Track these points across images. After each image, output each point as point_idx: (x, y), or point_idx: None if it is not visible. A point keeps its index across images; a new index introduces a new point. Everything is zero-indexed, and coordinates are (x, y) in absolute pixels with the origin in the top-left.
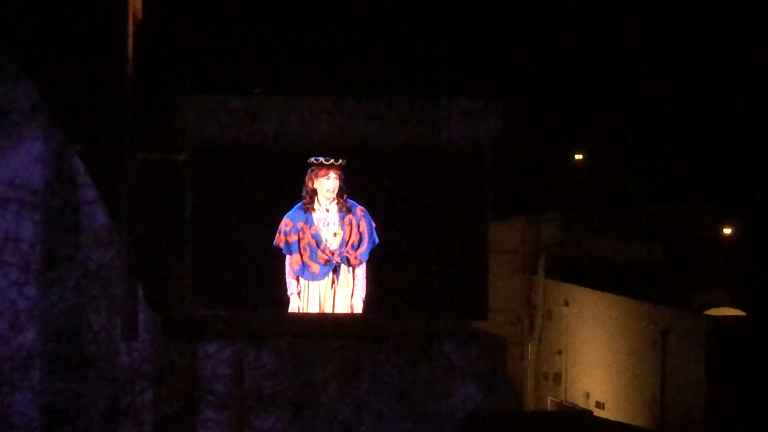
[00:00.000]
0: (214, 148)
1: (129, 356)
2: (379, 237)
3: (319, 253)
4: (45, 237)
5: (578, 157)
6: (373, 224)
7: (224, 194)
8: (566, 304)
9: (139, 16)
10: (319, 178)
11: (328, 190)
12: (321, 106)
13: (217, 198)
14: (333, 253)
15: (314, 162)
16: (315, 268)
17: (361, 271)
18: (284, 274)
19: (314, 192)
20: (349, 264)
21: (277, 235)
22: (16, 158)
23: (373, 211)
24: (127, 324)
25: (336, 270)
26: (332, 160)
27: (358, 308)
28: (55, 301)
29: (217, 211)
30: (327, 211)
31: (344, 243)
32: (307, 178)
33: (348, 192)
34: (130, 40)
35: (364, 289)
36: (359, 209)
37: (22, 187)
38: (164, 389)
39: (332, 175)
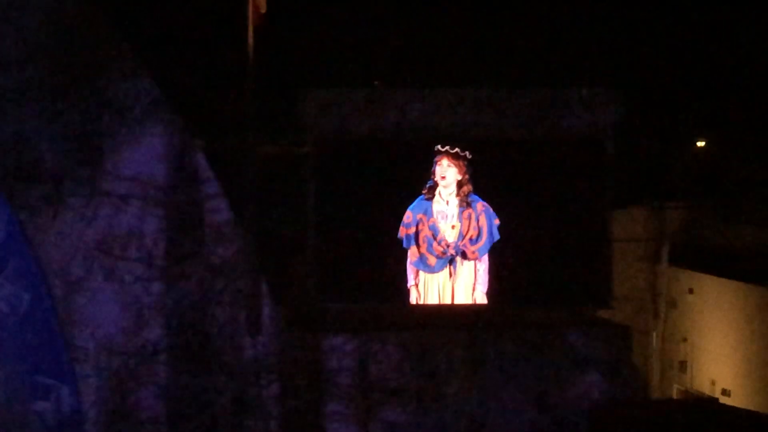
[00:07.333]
0: (336, 141)
1: (254, 350)
2: (500, 227)
3: (435, 244)
4: (168, 233)
5: (701, 143)
6: (495, 221)
7: (346, 187)
8: (691, 291)
9: (262, 9)
10: (436, 166)
11: (440, 177)
12: (442, 97)
13: (339, 190)
14: (449, 245)
15: (434, 149)
16: (432, 260)
17: (483, 265)
18: (405, 266)
19: (435, 181)
20: (465, 257)
21: (401, 227)
22: (139, 154)
23: (494, 200)
24: (252, 318)
25: (452, 262)
26: (447, 148)
27: (481, 301)
28: (179, 296)
29: (338, 204)
30: (447, 203)
31: (461, 236)
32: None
33: (472, 185)
34: (251, 34)
35: (486, 283)
36: (480, 204)
37: (146, 183)
38: (289, 382)
39: (445, 162)
